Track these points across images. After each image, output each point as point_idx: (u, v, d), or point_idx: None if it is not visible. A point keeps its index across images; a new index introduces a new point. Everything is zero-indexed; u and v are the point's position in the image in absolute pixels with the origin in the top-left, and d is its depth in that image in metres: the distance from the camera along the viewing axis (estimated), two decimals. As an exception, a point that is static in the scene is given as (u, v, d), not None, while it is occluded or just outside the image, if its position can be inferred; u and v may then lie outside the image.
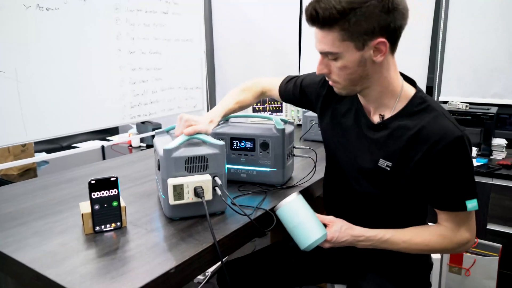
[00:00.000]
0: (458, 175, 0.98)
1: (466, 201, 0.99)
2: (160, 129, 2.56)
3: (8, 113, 1.83)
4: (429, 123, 0.98)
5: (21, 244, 0.93)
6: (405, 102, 1.03)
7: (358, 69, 0.97)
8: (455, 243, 1.04)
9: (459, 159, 0.96)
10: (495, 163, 2.09)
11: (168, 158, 1.02)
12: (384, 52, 0.95)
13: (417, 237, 1.05)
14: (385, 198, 1.10)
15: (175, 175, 1.02)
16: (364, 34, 0.92)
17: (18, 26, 1.82)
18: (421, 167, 0.99)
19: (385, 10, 0.90)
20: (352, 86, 1.02)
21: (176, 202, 1.01)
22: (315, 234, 1.02)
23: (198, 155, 1.04)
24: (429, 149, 0.97)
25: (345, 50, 0.94)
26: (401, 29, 0.95)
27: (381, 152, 1.05)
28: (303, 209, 1.04)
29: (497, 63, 2.42)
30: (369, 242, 1.05)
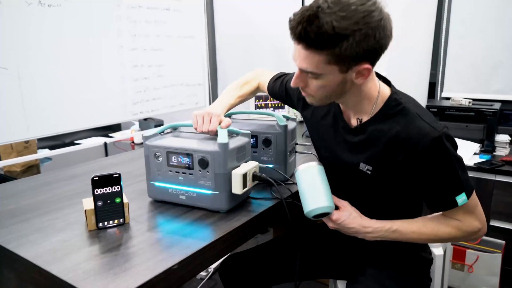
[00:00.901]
0: (442, 175, 0.97)
1: (456, 197, 0.98)
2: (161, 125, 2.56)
3: (11, 110, 1.84)
4: (404, 127, 0.97)
5: (24, 240, 0.94)
6: (381, 105, 1.01)
7: (337, 89, 0.96)
8: (464, 231, 1.03)
9: (439, 160, 0.95)
10: (498, 159, 2.08)
11: (226, 151, 1.03)
12: (367, 76, 0.94)
13: (426, 227, 1.04)
14: (372, 197, 1.10)
15: (232, 166, 1.06)
16: (351, 59, 0.89)
17: (20, 22, 1.82)
18: (402, 170, 0.99)
19: (377, 37, 0.87)
20: (327, 100, 1.01)
21: (243, 190, 1.06)
22: (321, 202, 1.01)
23: (241, 145, 1.09)
24: (408, 153, 0.96)
25: (328, 72, 0.92)
26: (386, 48, 0.93)
27: (361, 156, 1.05)
28: (319, 177, 1.04)
29: (499, 60, 2.41)
30: (377, 233, 1.05)
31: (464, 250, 2.03)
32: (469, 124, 2.23)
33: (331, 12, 0.84)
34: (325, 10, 0.85)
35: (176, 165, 1.09)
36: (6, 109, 1.82)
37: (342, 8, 0.85)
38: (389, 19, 0.90)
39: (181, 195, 1.11)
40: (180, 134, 1.18)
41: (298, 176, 1.06)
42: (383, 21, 0.88)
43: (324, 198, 1.02)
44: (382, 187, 1.06)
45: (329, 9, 0.85)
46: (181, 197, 1.11)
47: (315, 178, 1.04)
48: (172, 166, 1.10)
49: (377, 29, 0.87)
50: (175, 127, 1.21)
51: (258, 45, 3.28)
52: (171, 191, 1.12)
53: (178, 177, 1.10)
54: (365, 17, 0.85)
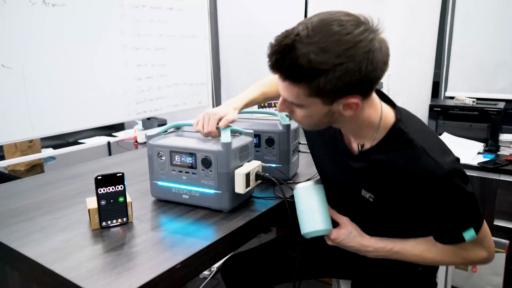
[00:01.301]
0: (448, 212, 0.89)
1: (463, 232, 0.90)
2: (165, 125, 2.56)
3: (15, 109, 1.84)
4: (409, 162, 0.88)
5: (27, 239, 0.94)
6: (384, 132, 0.92)
7: (324, 119, 0.88)
8: (469, 260, 0.98)
9: (445, 199, 0.87)
10: (503, 158, 2.07)
11: (229, 151, 1.03)
12: (355, 108, 0.84)
13: (429, 253, 0.99)
14: (375, 220, 1.05)
15: (235, 166, 1.06)
16: (334, 93, 0.79)
17: (24, 22, 1.83)
18: (407, 203, 0.92)
19: (362, 71, 0.77)
20: (317, 127, 0.93)
21: (246, 190, 1.06)
22: (318, 226, 1.00)
23: (244, 144, 1.10)
24: (411, 189, 0.89)
25: (311, 104, 0.83)
26: (379, 79, 0.82)
27: (362, 182, 0.98)
28: (317, 198, 1.02)
29: (503, 58, 2.39)
30: (378, 253, 1.02)
31: (467, 250, 2.02)
32: (473, 124, 2.22)
33: (310, 42, 0.76)
34: (303, 40, 0.76)
35: (179, 164, 1.10)
36: (10, 108, 1.82)
37: (322, 37, 0.75)
38: (381, 50, 0.79)
39: (184, 195, 1.11)
40: (183, 134, 1.18)
41: (296, 196, 1.04)
42: (372, 53, 0.77)
43: (320, 221, 1.00)
44: (385, 214, 1.00)
45: (308, 38, 0.76)
46: (184, 197, 1.11)
47: (313, 199, 1.02)
48: (175, 166, 1.10)
49: (363, 62, 0.76)
50: (178, 126, 1.21)
51: (261, 44, 3.26)
52: (174, 190, 1.12)
53: (181, 176, 1.10)
54: (348, 49, 0.75)
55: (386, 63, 0.81)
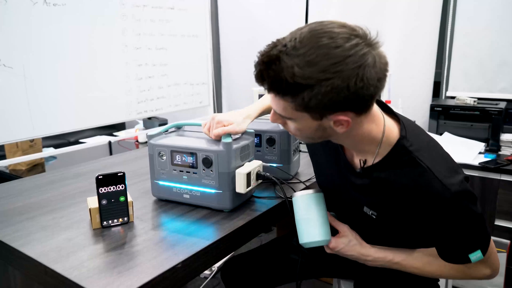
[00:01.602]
0: (454, 234, 0.86)
1: (469, 254, 0.88)
2: (166, 124, 2.56)
3: (16, 108, 1.85)
4: (413, 182, 0.84)
5: (29, 239, 0.94)
6: (388, 149, 0.87)
7: (317, 133, 0.84)
8: (471, 276, 0.96)
9: (451, 221, 0.84)
10: (504, 158, 2.07)
11: (230, 150, 1.04)
12: (347, 126, 0.79)
13: (430, 266, 0.97)
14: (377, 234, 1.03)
15: (235, 165, 1.06)
16: (321, 109, 0.75)
17: (25, 22, 1.83)
18: (411, 222, 0.90)
19: (351, 88, 0.72)
20: (312, 141, 0.91)
21: (247, 189, 1.06)
22: (316, 236, 0.99)
23: (245, 144, 1.10)
24: (417, 209, 0.86)
25: (300, 117, 0.79)
26: (375, 96, 0.77)
27: (365, 199, 0.95)
28: (315, 207, 0.99)
29: (504, 58, 2.39)
30: (377, 262, 1.00)
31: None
32: (474, 123, 2.22)
33: (296, 54, 0.72)
34: (289, 52, 0.72)
35: (180, 164, 1.10)
36: (11, 108, 1.83)
37: (309, 50, 0.71)
38: (374, 65, 0.73)
39: (185, 194, 1.11)
40: (184, 133, 1.18)
41: (294, 204, 1.02)
42: (362, 69, 0.71)
43: (319, 232, 0.98)
44: (388, 230, 0.98)
45: (295, 50, 0.72)
46: (185, 196, 1.11)
47: (311, 208, 0.99)
48: (176, 165, 1.10)
49: (351, 79, 0.71)
50: (179, 126, 1.21)
51: (262, 44, 3.24)
52: (175, 190, 1.12)
53: (182, 176, 1.10)
54: (335, 64, 0.70)
55: (381, 80, 0.75)
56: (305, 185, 1.24)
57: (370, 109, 0.81)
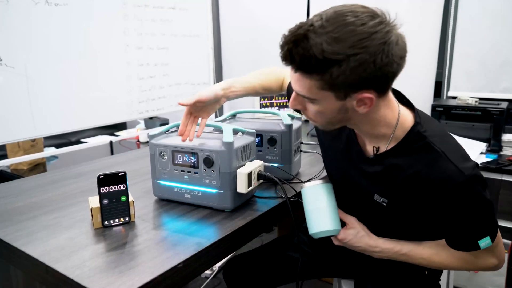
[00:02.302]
0: (465, 219, 0.88)
1: (479, 241, 0.89)
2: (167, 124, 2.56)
3: (18, 108, 1.85)
4: (427, 167, 0.86)
5: (30, 238, 0.94)
6: (402, 135, 0.89)
7: (338, 116, 0.85)
8: (478, 267, 0.97)
9: (464, 205, 0.86)
10: (505, 159, 2.07)
11: (231, 150, 1.04)
12: (370, 105, 0.81)
13: (437, 256, 0.98)
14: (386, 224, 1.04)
15: (237, 165, 1.06)
16: (347, 87, 0.78)
17: (27, 21, 1.84)
18: (422, 208, 0.91)
19: (377, 63, 0.75)
20: (331, 126, 0.90)
21: (248, 189, 1.06)
22: (326, 226, 0.99)
23: (246, 144, 1.10)
24: (428, 195, 0.87)
25: (323, 98, 0.81)
26: (395, 75, 0.81)
27: (376, 187, 0.96)
28: (325, 197, 0.99)
29: (506, 58, 2.38)
30: (385, 254, 1.00)
31: (470, 250, 2.02)
32: (475, 123, 2.21)
33: (323, 32, 0.74)
34: (316, 30, 0.74)
35: (181, 164, 1.10)
36: (13, 107, 1.83)
37: (337, 27, 0.74)
38: (397, 43, 0.77)
39: (186, 194, 1.11)
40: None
41: (304, 195, 1.02)
42: (387, 46, 0.75)
43: (329, 221, 0.99)
44: (397, 219, 0.98)
45: (322, 28, 0.74)
46: (186, 196, 1.11)
47: (321, 198, 0.99)
48: (177, 165, 1.10)
49: (377, 54, 0.74)
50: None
51: (264, 43, 3.27)
52: (176, 189, 1.12)
53: (183, 175, 1.10)
54: (362, 40, 0.73)
55: (403, 58, 0.79)
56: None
57: (388, 91, 0.84)
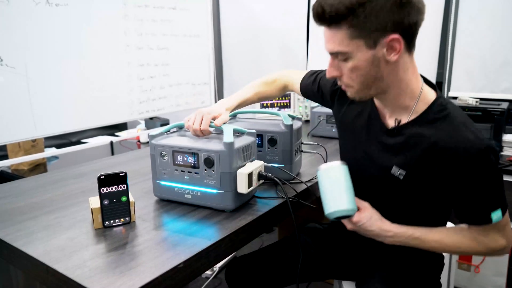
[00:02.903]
0: (481, 189, 0.91)
1: (491, 212, 0.92)
2: (167, 124, 2.56)
3: (18, 108, 1.85)
4: (448, 135, 0.91)
5: (31, 238, 0.94)
6: (424, 107, 0.96)
7: (371, 70, 0.91)
8: (488, 248, 0.98)
9: (482, 173, 0.89)
10: (506, 159, 2.06)
11: (232, 150, 1.03)
12: (399, 50, 0.88)
13: (449, 238, 1.00)
14: (398, 203, 1.06)
15: (237, 166, 1.06)
16: (375, 30, 0.85)
17: (28, 22, 1.84)
18: (439, 179, 0.94)
19: (398, 4, 0.83)
20: (366, 89, 0.95)
21: (249, 189, 1.06)
22: (344, 205, 0.98)
23: (247, 144, 1.10)
24: (448, 163, 0.90)
25: (355, 49, 0.88)
26: (417, 25, 0.89)
27: (395, 159, 0.99)
28: (342, 178, 0.99)
29: (507, 58, 2.38)
30: (398, 238, 1.01)
31: (470, 250, 2.02)
32: (476, 124, 2.21)
33: None
34: None
35: (181, 164, 1.10)
36: (14, 108, 1.83)
37: None
38: None
39: (186, 194, 1.11)
40: (186, 133, 1.18)
41: (320, 176, 1.01)
42: None
43: (346, 201, 0.98)
44: (412, 194, 1.01)
45: None
46: (187, 196, 1.11)
47: (338, 179, 0.99)
48: (178, 165, 1.10)
49: None
50: (181, 126, 1.21)
51: (265, 43, 3.28)
52: (176, 190, 1.12)
53: (184, 176, 1.10)
54: None
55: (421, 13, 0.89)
56: (306, 185, 1.24)
57: (414, 44, 0.92)
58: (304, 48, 3.13)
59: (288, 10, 3.11)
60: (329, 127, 1.97)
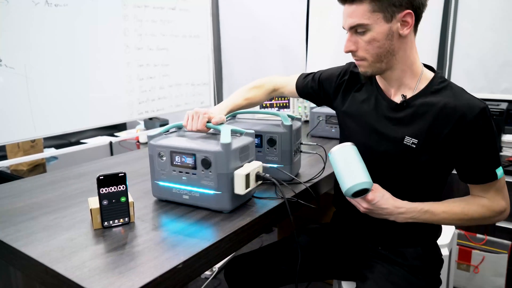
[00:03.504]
0: (487, 145, 1.01)
1: (496, 169, 1.03)
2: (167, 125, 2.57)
3: (18, 109, 1.85)
4: (453, 98, 1.02)
5: (30, 239, 0.94)
6: (426, 82, 1.08)
7: (386, 43, 1.02)
8: (493, 211, 1.06)
9: (486, 130, 1.00)
10: (505, 159, 2.07)
11: (229, 151, 1.03)
12: (411, 24, 1.01)
13: (456, 206, 1.07)
14: (402, 179, 1.12)
15: (234, 167, 1.05)
16: (392, 5, 0.99)
17: (27, 22, 1.84)
18: (450, 141, 1.03)
19: None
20: (378, 62, 1.06)
21: (246, 190, 1.06)
22: (363, 178, 1.02)
23: (245, 145, 1.09)
24: (457, 123, 1.00)
25: (375, 22, 1.00)
26: (423, 7, 1.03)
27: (406, 130, 1.08)
28: (356, 156, 1.06)
29: (507, 59, 2.38)
30: (410, 214, 1.06)
31: (469, 251, 2.02)
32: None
33: None
34: None
35: (179, 165, 1.10)
36: (13, 108, 1.83)
37: None
38: None
39: (184, 195, 1.11)
40: (185, 134, 1.18)
41: (334, 157, 1.07)
42: None
43: (364, 175, 1.03)
44: (425, 162, 1.07)
45: None
46: (185, 197, 1.11)
47: (352, 156, 1.06)
48: (176, 166, 1.10)
49: None
50: (180, 126, 1.21)
51: (264, 44, 3.28)
52: (174, 190, 1.12)
53: (182, 177, 1.10)
54: None
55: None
56: (306, 186, 1.24)
57: (418, 25, 1.05)
58: (304, 49, 3.13)
59: (288, 11, 3.11)
60: (328, 127, 1.97)
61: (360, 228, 1.22)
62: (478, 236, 2.05)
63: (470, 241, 2.05)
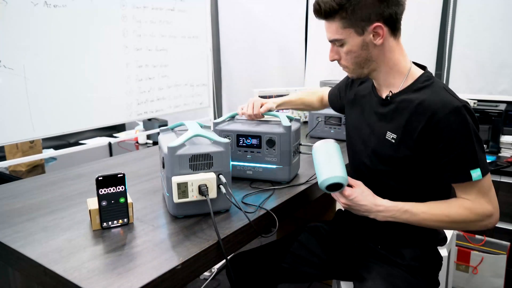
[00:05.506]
0: (459, 144, 1.00)
1: (471, 170, 1.00)
2: (166, 126, 2.56)
3: (16, 109, 1.85)
4: (430, 96, 1.04)
5: (29, 240, 0.94)
6: (412, 80, 1.10)
7: (362, 53, 1.07)
8: (477, 214, 1.02)
9: (458, 129, 0.99)
10: (504, 160, 2.07)
11: (173, 156, 1.02)
12: (382, 35, 1.04)
13: (437, 208, 1.05)
14: (396, 176, 1.12)
15: (179, 172, 1.02)
16: (361, 20, 1.03)
17: (26, 23, 1.83)
18: (423, 138, 1.03)
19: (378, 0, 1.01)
20: (359, 69, 1.11)
21: (180, 200, 1.01)
22: (337, 172, 1.03)
23: (203, 153, 1.04)
24: (429, 119, 1.01)
25: (348, 36, 1.06)
26: (398, 14, 1.05)
27: (388, 125, 1.12)
28: (335, 152, 1.10)
29: (505, 60, 2.39)
30: (389, 213, 1.05)
31: (468, 252, 2.02)
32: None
33: None
34: None
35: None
36: (12, 109, 1.83)
37: None
38: None
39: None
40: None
41: (315, 151, 1.12)
42: None
43: (339, 169, 1.04)
44: (403, 158, 1.08)
45: None
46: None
47: (332, 152, 1.09)
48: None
49: None
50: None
51: (263, 45, 3.28)
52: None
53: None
54: None
55: (401, 2, 1.04)
56: (305, 186, 1.24)
57: (398, 30, 1.09)
58: (303, 50, 3.13)
59: (287, 12, 3.12)
60: (327, 128, 1.97)
61: (362, 226, 1.23)
62: (477, 237, 2.05)
63: (469, 242, 2.06)
